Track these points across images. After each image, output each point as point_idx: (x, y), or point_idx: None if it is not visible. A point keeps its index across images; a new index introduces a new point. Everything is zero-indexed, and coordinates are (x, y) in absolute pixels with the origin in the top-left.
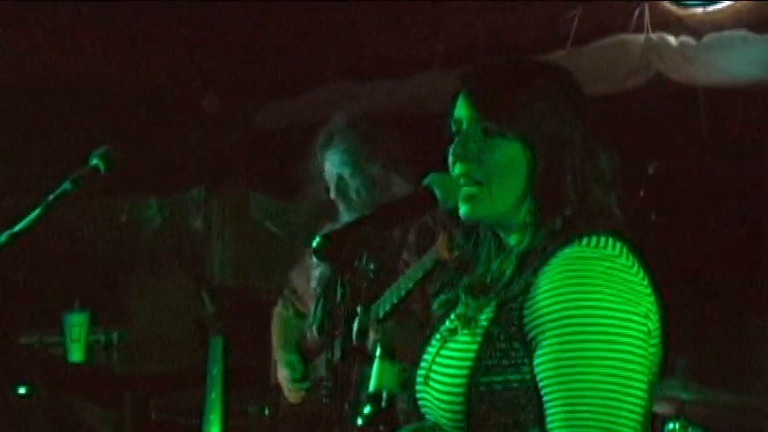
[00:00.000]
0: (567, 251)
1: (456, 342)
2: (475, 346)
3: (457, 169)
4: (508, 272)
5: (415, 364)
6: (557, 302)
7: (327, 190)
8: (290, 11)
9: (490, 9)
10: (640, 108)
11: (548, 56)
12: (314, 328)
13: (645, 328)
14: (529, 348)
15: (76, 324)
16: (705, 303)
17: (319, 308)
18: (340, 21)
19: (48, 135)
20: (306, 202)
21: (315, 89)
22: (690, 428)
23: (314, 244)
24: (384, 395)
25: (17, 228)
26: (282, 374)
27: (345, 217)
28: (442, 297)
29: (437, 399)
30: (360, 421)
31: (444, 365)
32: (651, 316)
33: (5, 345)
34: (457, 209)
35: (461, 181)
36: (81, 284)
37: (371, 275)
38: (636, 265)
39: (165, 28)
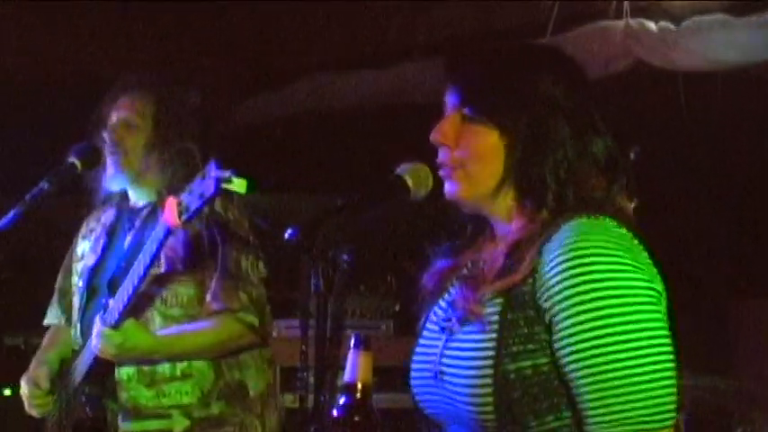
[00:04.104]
0: (567, 225)
1: (467, 333)
2: (493, 335)
3: (439, 154)
4: (501, 259)
5: (410, 360)
6: (565, 279)
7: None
8: (271, 3)
9: None
10: (621, 94)
11: None
12: (78, 328)
13: (653, 291)
14: (550, 330)
15: None
16: (688, 288)
17: (83, 304)
18: (322, 12)
19: (31, 133)
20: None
21: (297, 81)
22: None
23: (287, 234)
24: (359, 386)
25: None
26: (40, 372)
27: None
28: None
29: (459, 392)
30: (335, 412)
31: (462, 359)
32: (656, 279)
33: None
34: (426, 197)
35: (440, 164)
36: None
37: (345, 265)
38: (634, 235)
39: (145, 24)
